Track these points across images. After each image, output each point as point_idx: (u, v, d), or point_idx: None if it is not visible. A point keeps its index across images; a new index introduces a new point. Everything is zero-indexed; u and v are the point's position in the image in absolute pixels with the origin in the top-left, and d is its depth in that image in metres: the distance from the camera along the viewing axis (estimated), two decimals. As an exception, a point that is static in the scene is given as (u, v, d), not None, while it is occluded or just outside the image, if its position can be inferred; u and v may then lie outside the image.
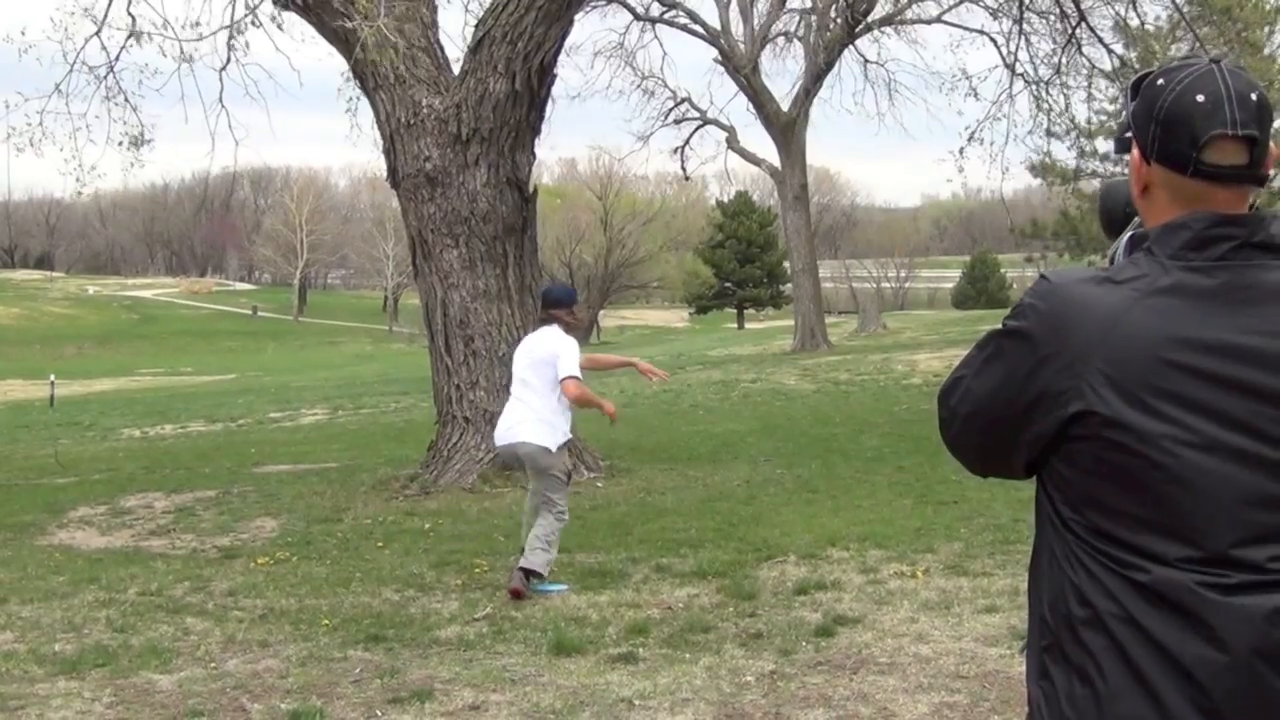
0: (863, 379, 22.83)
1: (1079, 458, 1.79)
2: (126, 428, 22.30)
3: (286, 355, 72.46)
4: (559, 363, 7.51)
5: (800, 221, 33.67)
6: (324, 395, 28.26)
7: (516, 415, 7.59)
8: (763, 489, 11.24)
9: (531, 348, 7.69)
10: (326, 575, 8.18)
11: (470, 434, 12.03)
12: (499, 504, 10.87)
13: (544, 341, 7.63)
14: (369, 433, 18.81)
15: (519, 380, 7.68)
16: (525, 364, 7.65)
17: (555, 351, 7.53)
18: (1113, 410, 1.74)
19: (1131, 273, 1.80)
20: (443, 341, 12.22)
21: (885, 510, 9.77)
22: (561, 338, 7.62)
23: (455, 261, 12.10)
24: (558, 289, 7.93)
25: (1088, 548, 1.79)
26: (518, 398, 7.65)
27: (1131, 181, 1.91)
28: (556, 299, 7.75)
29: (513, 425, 7.59)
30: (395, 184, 12.48)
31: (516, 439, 7.55)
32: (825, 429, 15.86)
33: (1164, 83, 1.82)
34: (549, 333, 7.67)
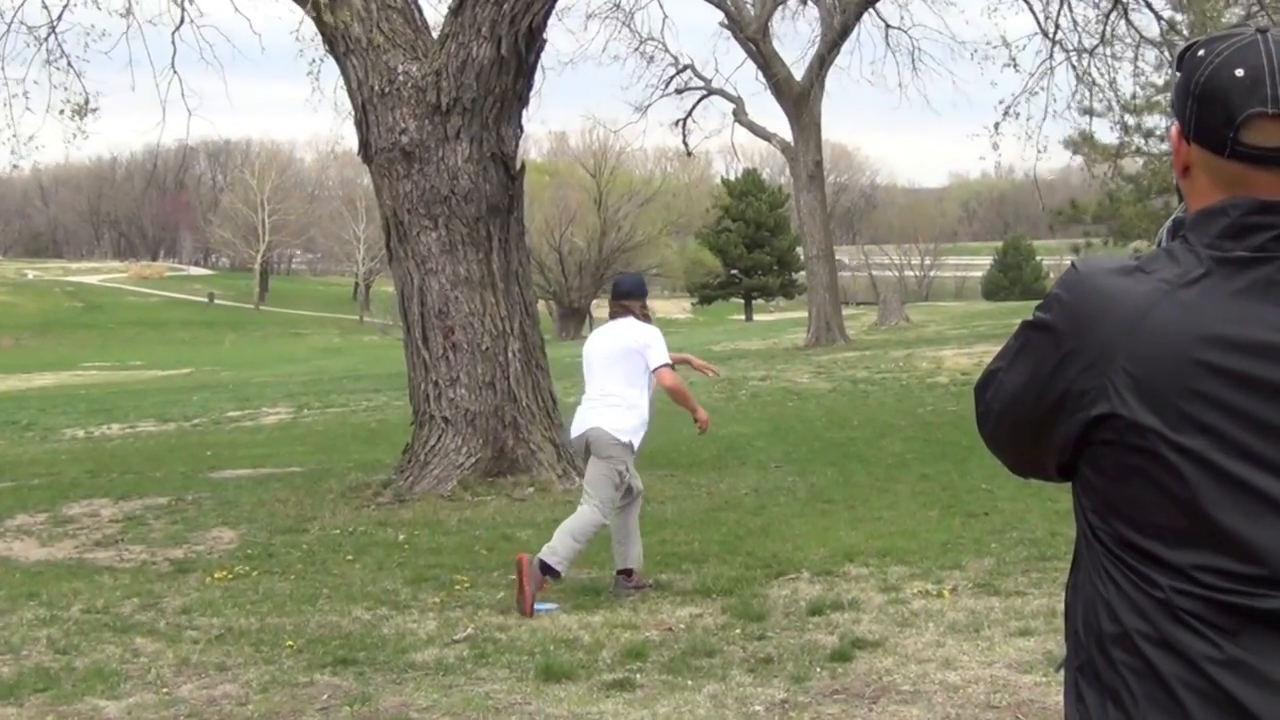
0: (883, 377, 22.84)
1: (1104, 464, 1.80)
2: (69, 427, 22.29)
3: (246, 348, 72.43)
4: (648, 352, 7.67)
5: (814, 202, 33.68)
6: (288, 392, 28.24)
7: (593, 408, 7.74)
8: (773, 498, 11.24)
9: (612, 339, 7.80)
10: (290, 591, 8.17)
11: (449, 436, 12.03)
12: (481, 513, 10.86)
13: (626, 332, 7.76)
14: (338, 434, 18.80)
15: (598, 377, 7.78)
16: (604, 357, 7.77)
17: (643, 341, 7.69)
18: (1136, 414, 1.74)
19: (1164, 263, 1.80)
20: (419, 333, 12.21)
21: (908, 522, 9.77)
22: (645, 327, 7.79)
23: (434, 245, 12.09)
24: (629, 279, 8.13)
25: (1116, 560, 1.80)
26: (595, 394, 7.77)
27: (1173, 162, 1.91)
28: (629, 290, 7.92)
29: (587, 416, 7.74)
30: (367, 159, 12.46)
31: (586, 425, 7.70)
32: (842, 432, 15.86)
33: (1203, 54, 1.81)
34: (628, 324, 7.81)
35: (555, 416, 12.63)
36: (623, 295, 7.91)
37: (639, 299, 7.92)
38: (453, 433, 12.03)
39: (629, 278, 8.22)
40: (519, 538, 9.75)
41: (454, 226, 12.07)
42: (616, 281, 8.14)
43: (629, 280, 8.09)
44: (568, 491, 11.73)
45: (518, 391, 12.16)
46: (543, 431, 12.30)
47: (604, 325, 8.05)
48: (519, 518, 10.62)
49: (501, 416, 12.08)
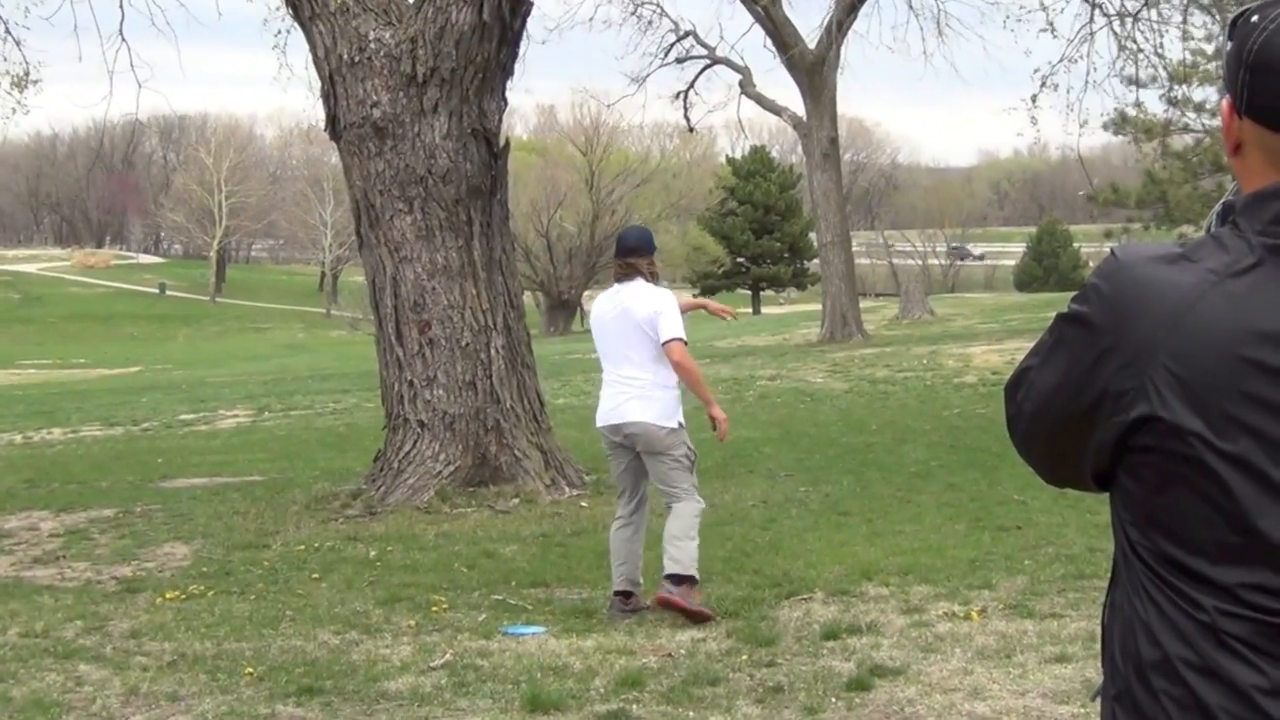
0: (905, 376, 22.85)
1: (1143, 471, 1.79)
2: (5, 432, 22.27)
3: (201, 344, 72.40)
4: (659, 322, 7.57)
5: (830, 183, 33.70)
6: (247, 393, 28.22)
7: (620, 394, 7.65)
8: (783, 510, 11.24)
9: (623, 309, 7.67)
10: (250, 613, 8.17)
11: (426, 441, 12.03)
12: (461, 526, 10.86)
13: (637, 299, 7.65)
14: (302, 439, 18.80)
15: (614, 353, 7.71)
16: (617, 331, 7.68)
17: (653, 307, 7.59)
18: (1179, 417, 1.74)
19: (1211, 250, 1.79)
20: (393, 328, 12.21)
21: (933, 537, 9.77)
22: (656, 292, 7.69)
23: (408, 230, 12.08)
24: (635, 232, 7.97)
25: (1156, 579, 1.80)
26: (616, 376, 7.70)
27: (1224, 138, 1.90)
28: (635, 244, 7.78)
29: (618, 404, 7.65)
30: (335, 136, 12.46)
31: (624, 418, 7.61)
32: (859, 437, 15.86)
33: (1258, 20, 1.81)
34: (638, 289, 7.68)
35: (543, 420, 12.63)
36: (628, 251, 7.75)
37: (646, 255, 7.76)
38: (429, 438, 12.03)
39: (634, 230, 8.05)
40: (502, 553, 9.76)
41: (431, 210, 12.06)
42: (621, 235, 7.98)
43: (634, 234, 7.93)
44: (556, 503, 11.73)
45: (501, 392, 12.16)
46: (529, 436, 12.31)
47: (611, 290, 7.91)
48: (503, 531, 10.62)
49: (483, 420, 12.08)
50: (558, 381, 25.40)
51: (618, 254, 7.84)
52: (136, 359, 57.61)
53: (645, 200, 73.11)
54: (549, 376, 26.45)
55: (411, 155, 12.01)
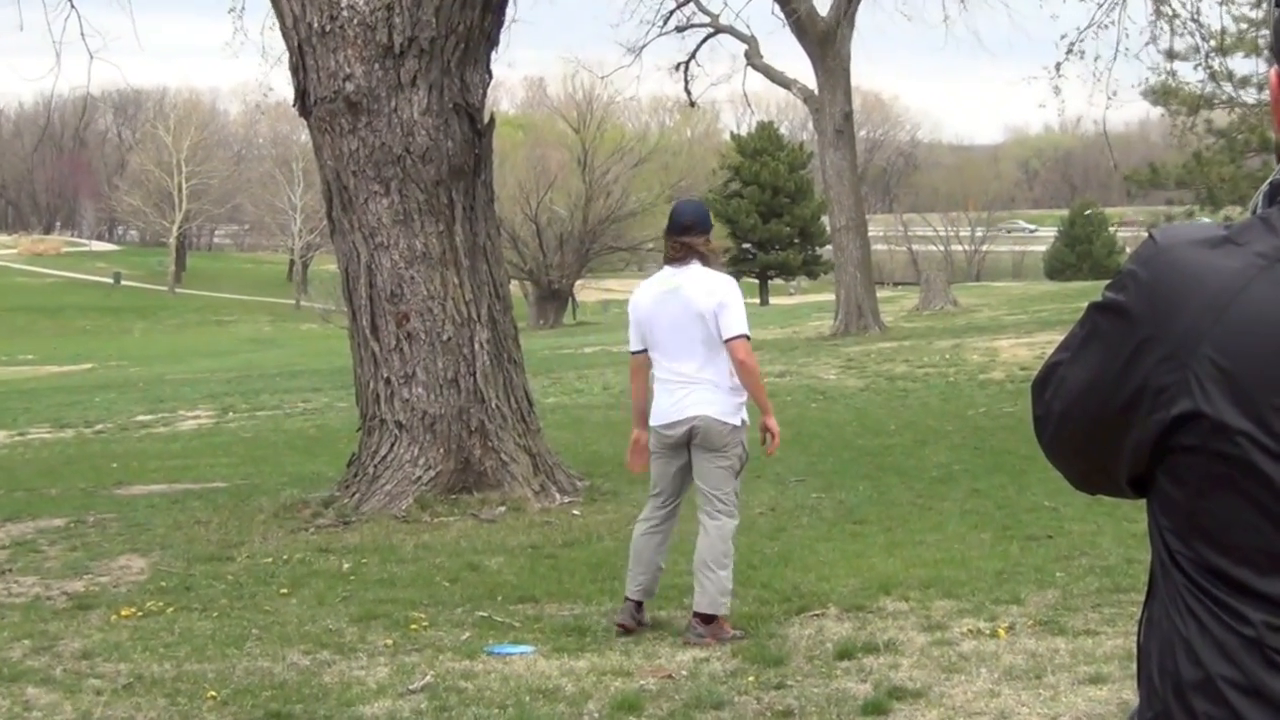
0: (926, 373, 22.87)
1: (1186, 474, 1.79)
2: (-54, 434, 22.25)
3: (160, 338, 72.36)
4: (725, 315, 7.45)
5: (844, 163, 33.70)
6: (209, 392, 28.21)
7: (681, 390, 7.55)
8: (794, 519, 11.24)
9: (682, 297, 7.52)
10: (213, 632, 8.17)
11: (404, 444, 12.02)
12: (442, 537, 10.86)
13: (697, 286, 7.51)
14: (269, 442, 18.79)
15: (670, 347, 7.56)
16: (675, 323, 7.53)
17: (717, 298, 7.47)
18: (1224, 414, 1.73)
19: (1259, 233, 1.79)
20: (367, 320, 12.21)
21: (956, 547, 9.78)
22: (718, 279, 7.58)
23: (384, 214, 12.08)
24: (690, 207, 7.81)
25: (1198, 592, 1.79)
26: (673, 373, 7.57)
27: (1272, 113, 1.90)
28: (692, 220, 7.62)
29: (678, 400, 7.54)
30: (305, 111, 12.45)
31: (685, 413, 7.52)
32: (876, 439, 15.87)
33: None
34: (697, 275, 7.55)
35: (531, 420, 12.63)
36: (682, 228, 7.58)
37: (703, 233, 7.59)
38: (408, 440, 12.02)
39: (689, 205, 7.88)
40: (487, 566, 9.76)
41: (409, 192, 12.05)
42: (675, 210, 7.81)
43: (690, 208, 7.78)
44: (545, 511, 11.73)
45: (486, 391, 12.16)
46: (516, 439, 12.31)
47: (660, 275, 7.74)
48: (488, 542, 10.62)
49: (466, 421, 12.08)
50: (547, 379, 25.39)
51: (670, 231, 7.67)
52: (89, 355, 57.58)
53: (643, 181, 73.14)
54: (538, 373, 26.42)
55: (388, 133, 12.00)
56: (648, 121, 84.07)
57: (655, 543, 7.88)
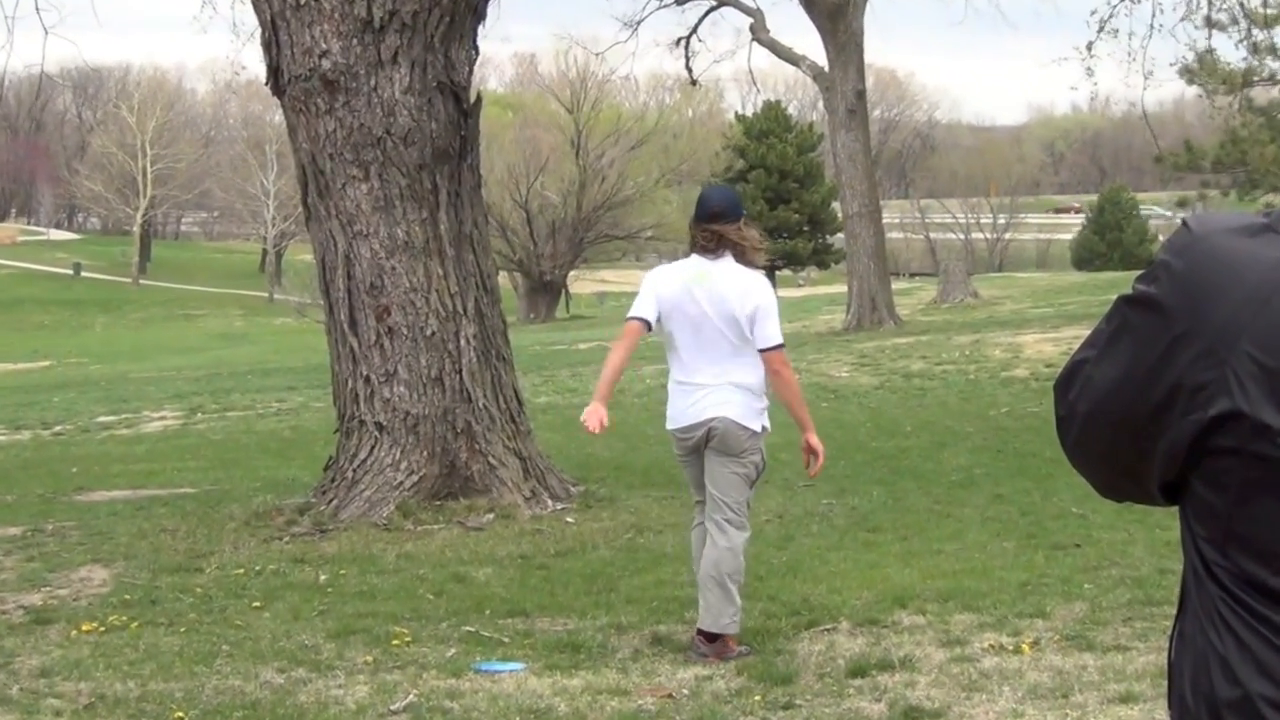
0: (945, 370, 22.88)
1: (1224, 478, 1.78)
2: (-106, 437, 22.24)
3: (122, 334, 72.32)
4: (761, 322, 7.40)
5: (856, 145, 33.70)
6: (176, 391, 28.20)
7: (700, 393, 7.49)
8: (803, 527, 11.25)
9: (715, 295, 7.43)
10: (180, 648, 8.17)
11: (385, 446, 12.02)
12: (426, 547, 10.86)
13: (733, 285, 7.44)
14: (240, 445, 18.79)
15: (694, 347, 7.48)
16: (703, 322, 7.45)
17: (757, 302, 7.40)
18: (1265, 414, 1.73)
19: None
20: (346, 314, 12.21)
21: (977, 557, 9.79)
22: (755, 279, 7.49)
23: (364, 200, 12.07)
24: (718, 192, 7.71)
25: (1235, 604, 1.79)
26: (693, 377, 7.50)
27: None
28: (723, 207, 7.51)
29: (696, 402, 7.49)
30: (278, 90, 12.44)
31: (702, 415, 7.47)
32: (891, 441, 15.87)
33: None
34: (732, 272, 7.46)
35: (521, 421, 12.63)
36: (713, 215, 7.47)
37: (734, 220, 7.49)
38: (389, 443, 12.02)
39: (718, 191, 7.74)
40: (474, 578, 9.76)
41: (390, 176, 12.05)
42: (704, 195, 7.73)
43: (719, 193, 7.70)
44: (537, 519, 11.73)
45: (473, 389, 12.16)
46: (505, 441, 12.31)
47: (688, 264, 7.63)
48: (475, 552, 10.63)
49: (452, 422, 12.08)
50: (539, 376, 25.38)
51: (698, 219, 7.57)
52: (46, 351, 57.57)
53: (641, 164, 73.16)
54: (529, 371, 26.37)
55: (367, 113, 11.99)
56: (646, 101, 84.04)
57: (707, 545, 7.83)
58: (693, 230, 7.68)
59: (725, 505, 7.63)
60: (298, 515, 11.96)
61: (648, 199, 73.34)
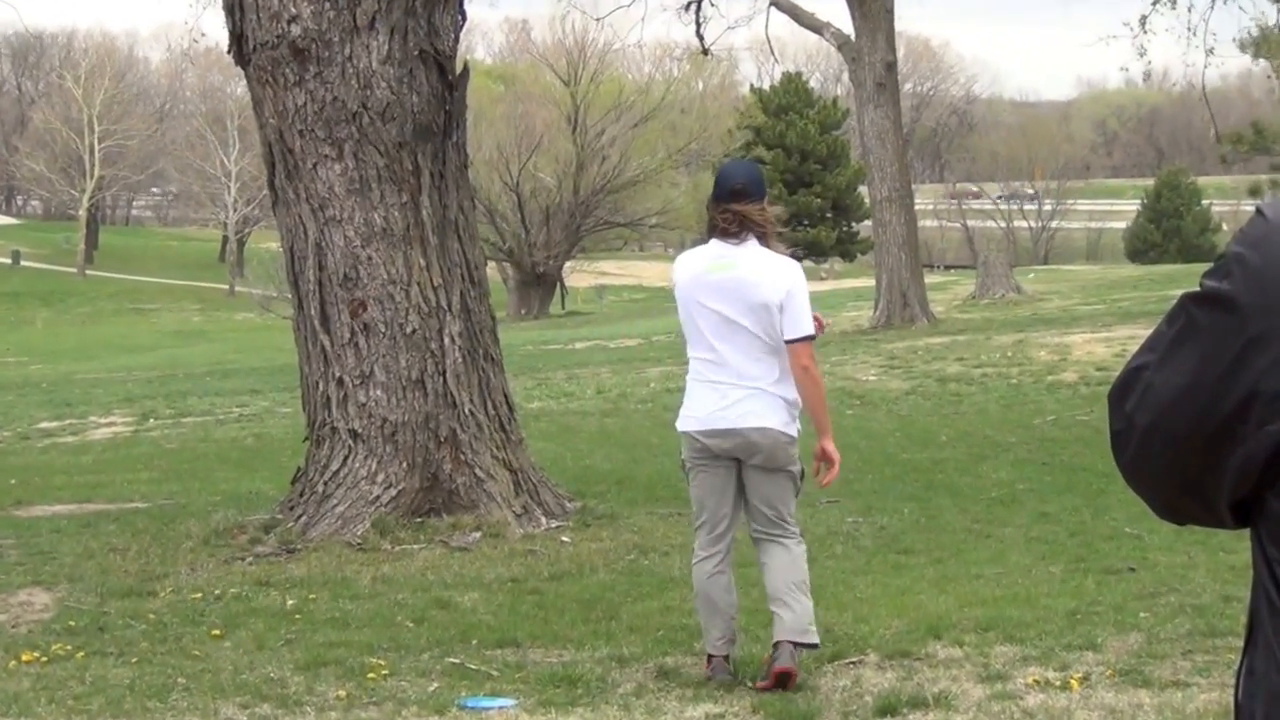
0: (984, 374, 22.86)
1: None
2: None
3: (67, 330, 72.28)
4: (790, 310, 7.42)
5: (886, 122, 33.68)
6: (126, 395, 28.18)
7: (730, 393, 7.46)
8: (825, 548, 11.24)
9: (738, 282, 7.43)
10: (131, 681, 8.16)
11: (360, 457, 12.01)
12: (405, 569, 10.86)
13: (759, 270, 7.45)
14: (198, 454, 18.78)
15: (716, 338, 7.47)
16: (726, 311, 7.44)
17: (786, 288, 7.42)
18: None
19: None
20: (316, 309, 12.20)
21: (1020, 582, 9.79)
22: (786, 264, 7.51)
23: (337, 182, 12.07)
24: (739, 168, 7.71)
25: None
26: (717, 372, 7.48)
27: None
28: (743, 185, 7.51)
29: (729, 405, 7.45)
30: (242, 59, 12.44)
31: (741, 422, 7.44)
32: (924, 453, 15.86)
33: None
34: (758, 257, 7.48)
35: (512, 429, 12.62)
36: (733, 193, 7.46)
37: (758, 199, 7.50)
38: (364, 453, 12.02)
39: (740, 165, 7.72)
40: (459, 603, 9.76)
41: (366, 156, 12.05)
42: (724, 171, 7.74)
43: (742, 169, 7.71)
44: (529, 537, 11.73)
45: (458, 394, 12.15)
46: (494, 451, 12.30)
47: (709, 251, 7.61)
48: (460, 574, 10.62)
49: (435, 430, 12.07)
50: (531, 380, 25.37)
51: (718, 198, 7.56)
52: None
53: (645, 143, 73.06)
54: (520, 373, 26.32)
55: (341, 85, 11.99)
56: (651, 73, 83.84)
57: (725, 583, 7.78)
58: (711, 211, 7.67)
59: (779, 520, 7.67)
60: (262, 533, 11.95)
61: (653, 181, 73.26)
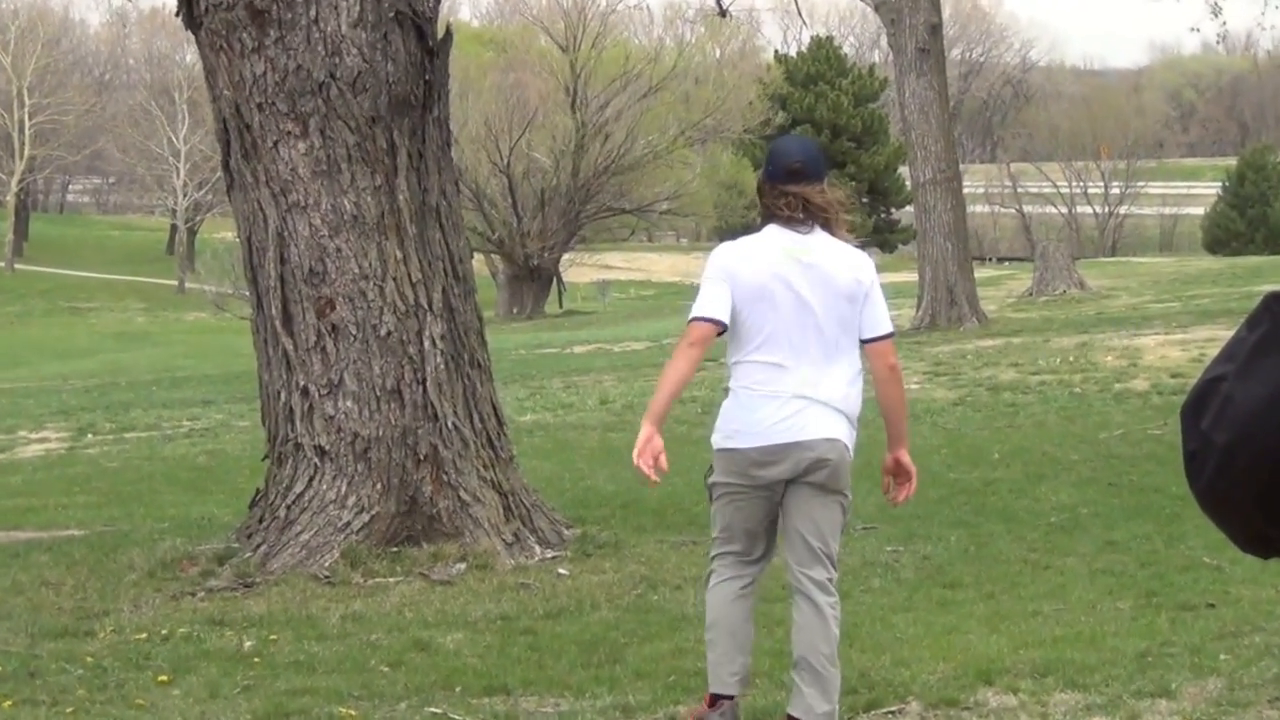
0: (1042, 381, 22.86)
1: None
2: None
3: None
4: (873, 305, 7.44)
5: (930, 94, 33.69)
6: (60, 406, 28.22)
7: (798, 402, 7.39)
8: (861, 580, 11.24)
9: (815, 273, 7.39)
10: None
11: (327, 476, 12.02)
12: (379, 605, 10.86)
13: (834, 260, 7.42)
14: (143, 475, 18.79)
15: (793, 338, 7.40)
16: (803, 307, 7.38)
17: (866, 279, 7.44)
18: None
19: None
20: (277, 308, 12.21)
21: (1083, 620, 9.79)
22: (859, 254, 7.53)
23: (301, 163, 12.08)
24: (799, 146, 7.63)
25: None
26: (786, 375, 7.41)
27: None
28: (802, 164, 7.45)
29: (791, 415, 7.37)
30: (192, 23, 12.45)
31: (804, 434, 7.37)
32: (974, 472, 15.86)
33: None
34: (830, 244, 7.45)
35: (502, 446, 12.62)
36: (791, 173, 7.40)
37: (819, 180, 7.48)
38: (333, 472, 12.02)
39: (799, 143, 7.56)
40: (442, 645, 9.76)
41: (334, 133, 12.06)
42: (780, 148, 7.65)
43: (800, 147, 7.65)
44: (521, 569, 11.73)
45: (440, 405, 12.16)
46: (481, 470, 12.30)
47: (774, 238, 7.50)
48: (443, 612, 10.62)
49: (413, 446, 12.07)
50: (524, 389, 25.38)
51: (774, 177, 7.51)
52: (-103, 355, 57.62)
53: (655, 118, 73.09)
54: (512, 381, 26.29)
55: (305, 51, 12.00)
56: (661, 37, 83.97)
57: (747, 610, 7.69)
58: (766, 194, 7.61)
59: (825, 554, 7.55)
60: (216, 565, 11.96)
61: (663, 162, 73.27)
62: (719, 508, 7.67)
